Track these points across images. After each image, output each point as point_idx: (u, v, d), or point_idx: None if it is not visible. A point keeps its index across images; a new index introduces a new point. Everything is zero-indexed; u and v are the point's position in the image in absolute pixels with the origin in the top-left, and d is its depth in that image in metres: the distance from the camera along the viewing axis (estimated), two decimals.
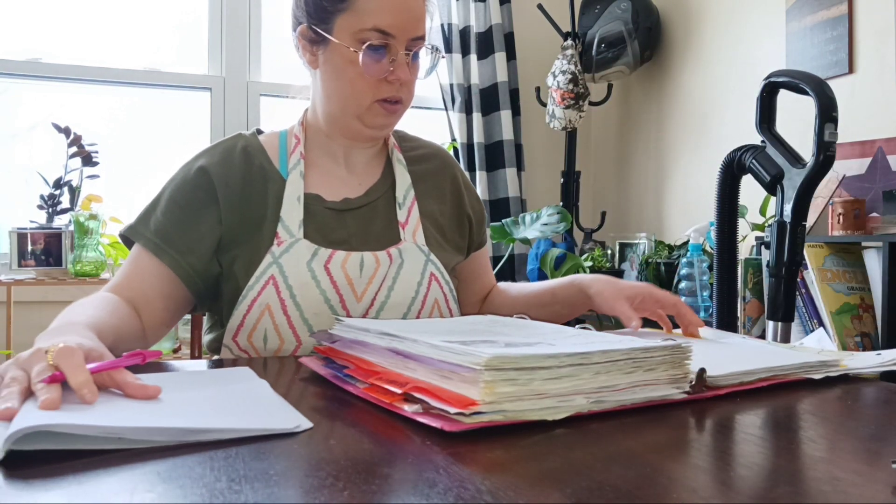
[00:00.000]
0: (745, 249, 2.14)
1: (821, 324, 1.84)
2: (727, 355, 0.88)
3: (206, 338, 1.14)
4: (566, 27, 2.92)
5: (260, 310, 1.02)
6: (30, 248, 2.24)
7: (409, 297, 1.08)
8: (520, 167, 2.98)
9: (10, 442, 0.51)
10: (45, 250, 2.25)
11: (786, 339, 1.35)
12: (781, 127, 1.39)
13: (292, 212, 1.08)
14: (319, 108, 1.14)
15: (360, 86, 1.06)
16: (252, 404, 0.68)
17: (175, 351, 2.39)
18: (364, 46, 1.03)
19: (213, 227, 1.06)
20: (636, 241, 2.88)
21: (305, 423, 0.61)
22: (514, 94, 3.00)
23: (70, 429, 0.53)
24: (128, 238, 1.08)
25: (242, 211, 1.07)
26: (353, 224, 1.12)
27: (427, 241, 1.15)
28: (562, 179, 3.04)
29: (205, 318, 1.18)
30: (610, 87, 3.03)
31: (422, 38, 1.07)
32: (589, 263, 2.78)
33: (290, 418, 0.62)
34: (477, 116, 2.92)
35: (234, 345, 1.05)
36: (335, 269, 1.05)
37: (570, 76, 2.81)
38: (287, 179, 1.10)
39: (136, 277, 1.04)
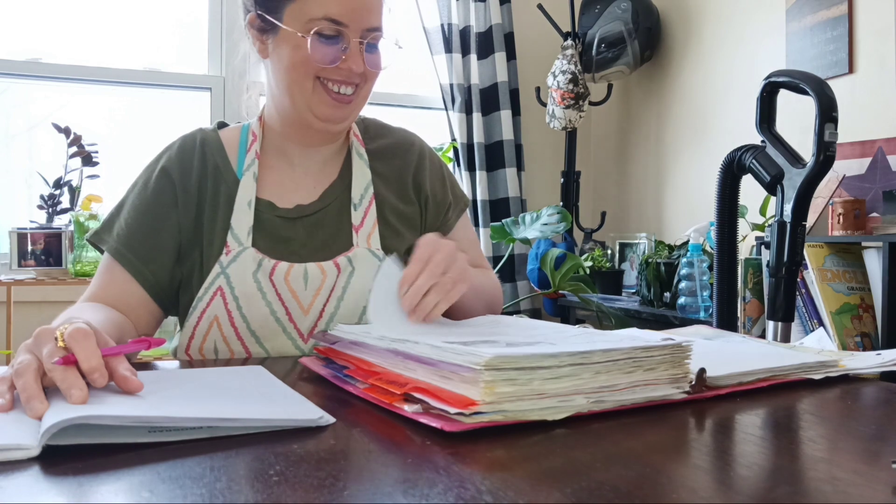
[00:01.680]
0: (745, 249, 2.14)
1: (821, 324, 1.84)
2: (727, 355, 0.88)
3: (172, 345, 1.12)
4: (566, 27, 2.92)
5: (209, 321, 1.02)
6: (30, 248, 2.24)
7: (361, 305, 1.04)
8: (520, 167, 2.98)
9: (47, 436, 0.52)
10: (45, 250, 2.25)
11: (786, 339, 1.35)
12: (781, 127, 1.38)
13: (242, 218, 1.05)
14: (274, 102, 1.11)
15: (304, 69, 1.01)
16: (276, 398, 0.69)
17: None
18: (312, 32, 0.99)
19: (174, 236, 1.05)
20: (636, 241, 2.89)
21: (328, 417, 0.61)
22: (514, 94, 3.00)
23: (108, 420, 0.54)
24: (95, 244, 1.06)
25: (197, 217, 1.06)
26: (303, 232, 1.08)
27: (385, 238, 1.10)
28: (562, 179, 3.04)
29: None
30: (610, 87, 3.03)
31: (377, 28, 1.02)
32: (589, 263, 2.78)
33: (313, 411, 0.63)
34: (477, 116, 2.92)
35: (188, 358, 1.04)
36: (279, 281, 1.03)
37: (570, 76, 2.81)
38: (241, 181, 1.07)
39: (112, 285, 1.03)
